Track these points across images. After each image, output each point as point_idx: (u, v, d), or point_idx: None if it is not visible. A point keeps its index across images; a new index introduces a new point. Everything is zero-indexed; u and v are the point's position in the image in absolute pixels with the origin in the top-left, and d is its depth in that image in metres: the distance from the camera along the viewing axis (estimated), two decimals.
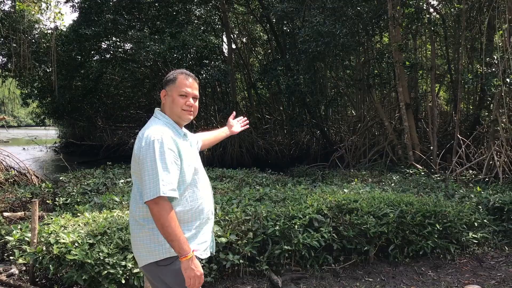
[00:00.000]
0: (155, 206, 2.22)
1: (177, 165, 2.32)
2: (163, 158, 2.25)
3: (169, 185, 2.23)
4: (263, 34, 22.10)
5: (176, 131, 2.46)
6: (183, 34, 14.57)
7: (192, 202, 2.41)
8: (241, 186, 7.11)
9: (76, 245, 3.83)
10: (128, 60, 16.51)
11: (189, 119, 2.53)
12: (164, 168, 2.24)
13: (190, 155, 2.46)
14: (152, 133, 2.32)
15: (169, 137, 2.34)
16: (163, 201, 2.23)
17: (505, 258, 5.47)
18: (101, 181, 7.84)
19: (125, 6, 16.01)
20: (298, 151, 18.10)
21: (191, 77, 2.55)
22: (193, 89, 2.52)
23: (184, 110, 2.47)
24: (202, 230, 2.48)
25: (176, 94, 2.47)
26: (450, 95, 16.28)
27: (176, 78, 2.50)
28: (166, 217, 2.21)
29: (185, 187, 2.38)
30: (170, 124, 2.47)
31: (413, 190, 7.09)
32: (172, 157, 2.30)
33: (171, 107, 2.48)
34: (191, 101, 2.49)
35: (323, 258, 4.97)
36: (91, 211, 5.07)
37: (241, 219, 4.81)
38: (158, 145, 2.26)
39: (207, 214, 2.52)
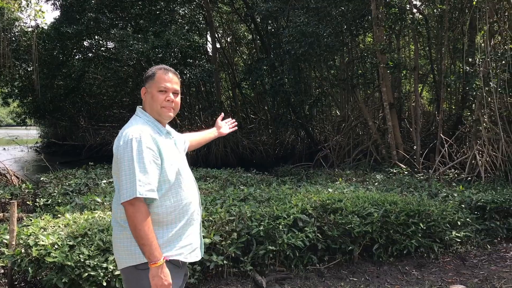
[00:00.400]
0: (130, 207, 2.15)
1: (156, 164, 2.24)
2: (141, 157, 2.17)
3: (146, 186, 2.15)
4: (248, 34, 22.06)
5: (158, 129, 2.39)
6: (167, 33, 14.45)
7: (175, 203, 2.33)
8: (226, 186, 7.06)
9: (55, 247, 3.74)
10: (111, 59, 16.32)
11: (170, 116, 2.44)
12: (141, 168, 2.16)
13: (172, 154, 2.38)
14: (131, 131, 2.25)
15: (148, 135, 2.26)
16: (139, 203, 2.15)
17: (488, 256, 5.52)
18: (83, 182, 7.72)
19: (108, 4, 15.81)
20: (283, 150, 18.11)
21: (171, 72, 2.46)
22: (173, 83, 2.43)
23: (164, 107, 2.39)
24: (186, 232, 2.40)
25: (155, 90, 2.39)
26: (433, 95, 16.43)
27: (155, 74, 2.41)
28: (140, 219, 2.14)
29: (168, 187, 2.30)
30: (151, 122, 2.39)
31: (397, 189, 7.12)
32: (151, 156, 2.22)
33: (151, 104, 2.40)
34: (171, 96, 2.40)
35: (307, 258, 4.95)
36: (72, 212, 4.97)
37: (225, 219, 4.76)
38: (136, 144, 2.19)
39: (192, 215, 2.44)
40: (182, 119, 20.54)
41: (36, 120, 26.64)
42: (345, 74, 15.11)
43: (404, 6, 11.13)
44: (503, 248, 5.83)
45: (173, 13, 16.36)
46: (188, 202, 2.41)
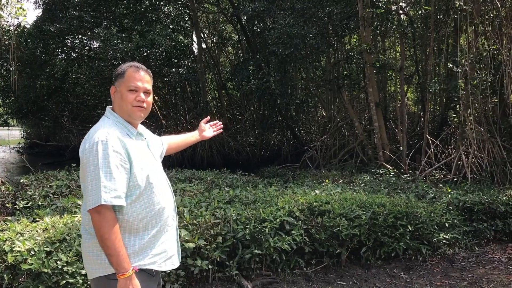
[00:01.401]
0: (96, 215, 2.03)
1: (124, 168, 2.11)
2: (107, 162, 2.04)
3: (112, 192, 2.03)
4: (234, 34, 21.93)
5: (128, 130, 2.26)
6: (151, 33, 14.26)
7: (147, 208, 2.21)
8: (211, 188, 6.93)
9: (32, 253, 3.58)
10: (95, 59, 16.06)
11: (141, 117, 2.31)
12: (107, 173, 2.03)
13: (143, 157, 2.25)
14: (97, 134, 2.12)
15: (115, 138, 2.13)
16: (105, 210, 2.03)
17: (475, 258, 5.48)
18: (64, 184, 7.52)
19: (92, 3, 15.57)
20: (269, 151, 18.02)
21: (142, 70, 2.33)
22: (144, 82, 2.30)
23: (134, 107, 2.26)
24: (160, 239, 2.28)
25: (125, 89, 2.26)
26: (418, 96, 16.46)
27: (125, 72, 2.28)
28: (106, 228, 2.03)
29: (138, 192, 2.18)
30: (120, 123, 2.26)
31: (384, 190, 7.06)
32: (118, 160, 2.09)
33: (120, 104, 2.27)
34: (142, 96, 2.27)
35: (294, 262, 4.85)
36: (52, 216, 4.80)
37: (210, 222, 4.64)
38: (102, 147, 2.06)
39: (166, 221, 2.33)
40: (167, 119, 20.34)
41: (18, 121, 26.18)
42: (331, 75, 15.07)
43: (389, 7, 11.11)
44: (491, 250, 5.80)
45: (158, 13, 16.18)
46: (161, 208, 2.29)
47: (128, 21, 15.37)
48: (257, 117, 19.12)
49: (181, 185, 6.84)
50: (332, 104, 16.89)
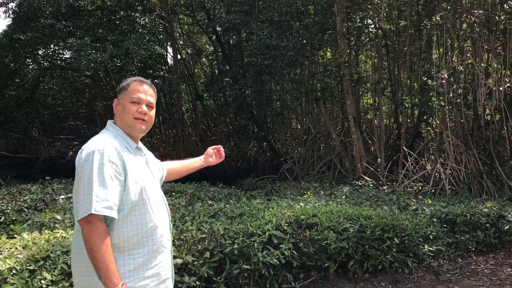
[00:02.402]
0: (86, 226, 1.94)
1: (119, 180, 2.04)
2: (101, 171, 1.98)
3: (104, 202, 1.95)
4: (209, 46, 21.87)
5: (127, 143, 2.21)
6: (126, 43, 14.06)
7: (139, 226, 2.12)
8: (193, 201, 6.80)
9: (13, 272, 3.39)
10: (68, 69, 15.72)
11: (142, 130, 2.28)
12: (100, 183, 1.96)
13: (140, 172, 2.19)
14: (94, 143, 2.07)
15: (112, 148, 2.08)
16: (96, 221, 1.94)
17: (460, 270, 5.52)
18: (39, 197, 7.22)
19: (64, 13, 15.27)
20: (245, 163, 17.92)
21: (146, 84, 2.34)
22: (147, 95, 2.30)
23: (136, 119, 2.23)
24: (153, 260, 2.17)
25: (128, 101, 2.25)
26: (390, 109, 16.71)
27: (129, 85, 2.29)
28: (97, 239, 1.94)
29: (130, 207, 2.09)
30: (120, 136, 2.23)
31: (366, 202, 7.07)
32: (113, 171, 2.02)
33: (121, 116, 2.26)
34: (144, 108, 2.26)
35: (282, 276, 4.76)
36: (29, 232, 4.58)
37: (197, 237, 4.52)
38: (98, 156, 2.00)
39: (160, 241, 2.22)
40: None
41: None
42: (308, 87, 15.15)
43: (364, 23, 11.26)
44: (473, 261, 5.86)
45: (133, 23, 15.99)
46: (154, 226, 2.20)
47: (102, 31, 15.12)
48: (233, 128, 19.03)
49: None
50: (308, 116, 16.98)
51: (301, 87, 15.47)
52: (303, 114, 17.36)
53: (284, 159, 15.09)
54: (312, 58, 15.39)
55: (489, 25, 8.99)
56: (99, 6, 16.58)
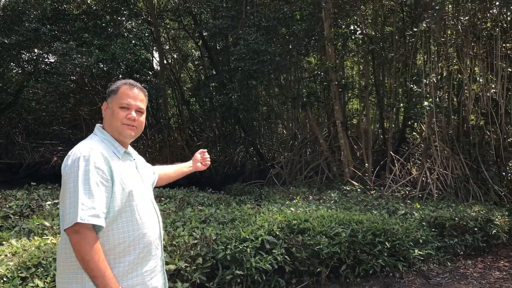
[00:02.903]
0: (74, 236, 1.89)
1: (105, 187, 1.99)
2: (87, 178, 1.93)
3: (90, 211, 1.90)
4: (195, 51, 21.83)
5: (115, 148, 2.16)
6: (112, 47, 13.94)
7: (125, 233, 2.06)
8: (183, 207, 6.75)
9: (4, 279, 3.32)
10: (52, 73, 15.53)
11: (131, 136, 2.23)
12: (86, 190, 1.92)
13: (128, 177, 2.13)
14: (80, 149, 2.03)
15: (98, 153, 2.04)
16: (84, 229, 1.89)
17: (449, 274, 5.57)
18: (25, 203, 7.09)
19: (49, 17, 15.10)
20: (232, 168, 17.87)
21: (137, 88, 2.26)
22: (137, 100, 2.22)
23: (124, 125, 2.17)
24: (138, 268, 2.10)
25: (117, 106, 2.18)
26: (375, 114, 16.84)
27: (119, 88, 2.21)
28: (87, 249, 1.89)
29: (116, 214, 2.03)
30: (107, 141, 2.17)
31: (356, 207, 7.10)
32: (99, 177, 1.97)
33: (110, 121, 2.19)
34: (134, 114, 2.19)
35: (274, 282, 4.75)
36: (17, 238, 4.50)
37: (189, 243, 4.49)
38: (84, 163, 1.95)
39: (147, 249, 2.15)
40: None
41: None
42: (294, 92, 15.20)
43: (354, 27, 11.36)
44: (462, 265, 5.92)
45: (119, 28, 15.89)
46: (141, 234, 2.13)
47: (88, 35, 15.00)
48: (219, 133, 18.99)
49: None
50: (295, 121, 17.02)
51: (287, 92, 15.51)
52: (289, 120, 17.40)
53: (271, 164, 15.09)
54: (299, 64, 15.45)
55: (475, 31, 9.14)
56: (84, 10, 16.45)
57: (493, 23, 9.02)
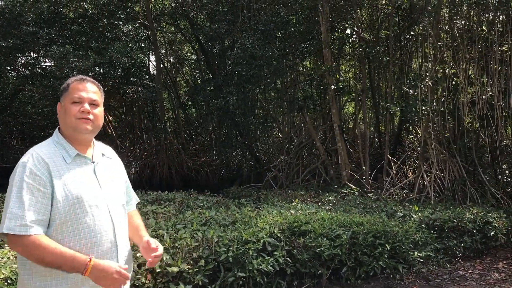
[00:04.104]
0: (17, 247, 1.86)
1: (43, 193, 1.91)
2: (21, 186, 1.87)
3: (17, 220, 1.82)
4: (191, 54, 21.85)
5: (65, 152, 2.05)
6: (109, 51, 13.95)
7: (71, 242, 1.95)
8: (183, 210, 6.76)
9: (9, 281, 3.32)
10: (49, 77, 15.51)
11: (88, 130, 2.08)
12: (17, 198, 1.85)
13: (74, 183, 2.00)
14: (25, 155, 1.97)
15: (39, 158, 1.96)
16: (18, 239, 1.83)
17: (449, 275, 5.61)
18: None
19: (46, 20, 15.08)
20: (229, 172, 17.88)
21: (88, 81, 2.15)
22: (89, 93, 2.11)
23: (79, 119, 2.05)
24: (85, 283, 1.98)
25: (69, 102, 2.07)
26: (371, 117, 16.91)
27: (69, 85, 2.12)
28: (33, 253, 1.84)
29: (60, 222, 1.93)
30: (59, 144, 2.07)
31: (355, 210, 7.13)
32: (36, 184, 1.90)
33: (64, 119, 2.08)
34: (87, 106, 2.07)
35: (276, 284, 4.77)
36: None
37: (191, 245, 4.50)
38: (21, 169, 1.90)
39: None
40: (122, 139, 19.84)
41: None
42: (291, 96, 15.26)
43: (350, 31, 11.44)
44: (461, 267, 5.96)
45: (116, 31, 15.89)
46: (90, 242, 2.00)
47: (85, 39, 14.98)
48: (215, 137, 19.00)
49: (151, 207, 6.63)
50: (291, 125, 17.07)
51: (284, 96, 15.57)
52: (285, 123, 17.46)
53: (268, 168, 15.11)
54: (295, 68, 15.52)
55: (470, 35, 9.22)
56: (81, 14, 16.44)
57: (489, 26, 9.11)
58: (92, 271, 1.89)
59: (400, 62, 13.78)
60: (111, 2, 15.77)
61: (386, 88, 14.44)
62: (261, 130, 16.88)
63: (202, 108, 19.46)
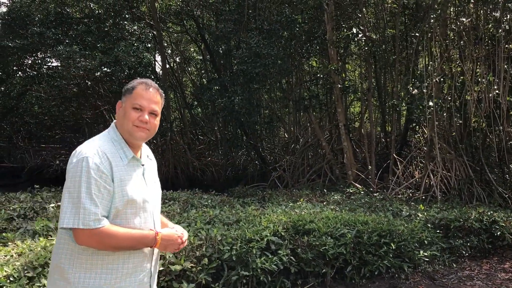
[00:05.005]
0: (90, 240, 1.91)
1: (107, 190, 1.96)
2: (89, 182, 1.91)
3: (92, 216, 1.89)
4: (197, 55, 21.88)
5: (123, 152, 2.08)
6: (115, 50, 13.98)
7: None
8: (187, 208, 6.76)
9: (11, 279, 3.32)
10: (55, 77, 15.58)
11: (143, 137, 2.13)
12: (88, 194, 1.90)
13: (129, 185, 2.05)
14: (86, 149, 1.98)
15: (103, 156, 1.99)
16: (92, 232, 1.89)
17: (455, 275, 5.55)
18: (28, 206, 7.12)
19: (53, 20, 15.14)
20: (234, 171, 17.88)
21: (153, 88, 2.15)
22: (152, 103, 2.12)
23: (135, 126, 2.08)
24: (128, 278, 2.05)
25: (130, 107, 2.10)
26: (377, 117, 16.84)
27: (134, 88, 2.12)
28: (107, 242, 1.92)
29: (111, 220, 1.99)
30: (116, 142, 2.10)
31: (360, 209, 7.10)
32: (102, 182, 1.95)
33: (121, 121, 2.12)
34: (146, 117, 2.09)
35: (280, 283, 4.74)
36: (21, 240, 4.51)
37: (195, 244, 4.49)
38: (88, 165, 1.92)
39: (138, 259, 2.07)
40: None
41: None
42: (296, 95, 15.23)
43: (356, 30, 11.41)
44: (468, 266, 5.90)
45: (122, 31, 15.93)
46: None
47: (91, 39, 15.03)
48: (221, 137, 18.99)
49: None
50: (296, 124, 17.03)
51: (289, 96, 15.54)
52: (290, 123, 17.41)
53: (273, 167, 15.09)
54: (300, 67, 15.48)
55: (477, 33, 9.15)
56: (87, 14, 16.50)
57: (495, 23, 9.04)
58: (161, 242, 2.09)
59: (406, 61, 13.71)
60: (117, 2, 15.82)
61: (392, 87, 14.39)
62: (266, 129, 16.87)
63: (208, 108, 19.44)
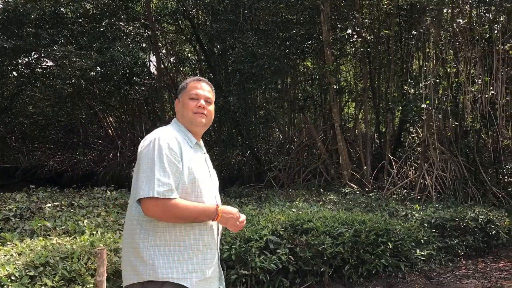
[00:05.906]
0: (158, 209, 2.05)
1: (177, 167, 2.15)
2: (161, 157, 2.10)
3: (165, 186, 2.06)
4: (192, 55, 21.83)
5: (188, 138, 2.32)
6: (111, 50, 13.94)
7: None
8: None
9: (12, 278, 3.31)
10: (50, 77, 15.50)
11: (203, 123, 2.37)
12: (161, 168, 2.09)
13: (195, 165, 2.24)
14: (157, 133, 2.22)
15: (173, 137, 2.21)
16: (163, 202, 2.05)
17: (451, 273, 5.61)
18: (25, 206, 7.09)
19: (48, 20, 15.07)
20: (229, 172, 17.86)
21: (203, 81, 2.46)
22: (205, 91, 2.42)
23: (196, 113, 2.34)
24: (200, 255, 2.18)
25: (187, 98, 2.38)
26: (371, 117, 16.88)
27: (188, 84, 2.43)
28: (175, 212, 2.07)
29: (182, 196, 2.14)
30: (182, 131, 2.34)
31: (356, 209, 7.14)
32: (172, 158, 2.14)
33: (182, 112, 2.38)
34: (203, 102, 2.37)
35: (278, 282, 4.77)
36: (21, 239, 4.50)
37: None
38: (159, 143, 2.14)
39: (209, 236, 2.23)
40: (123, 140, 19.84)
41: None
42: (292, 96, 15.25)
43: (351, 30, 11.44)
44: (463, 265, 5.97)
45: (117, 31, 15.88)
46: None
47: (86, 39, 14.99)
48: (216, 137, 18.98)
49: None
50: (292, 125, 17.06)
51: (285, 96, 15.56)
52: (285, 123, 17.43)
53: (268, 168, 15.09)
54: (296, 68, 15.51)
55: (472, 34, 9.22)
56: (82, 14, 16.44)
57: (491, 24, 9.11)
58: (222, 215, 2.20)
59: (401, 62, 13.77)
60: (112, 2, 15.78)
61: (387, 88, 14.45)
62: (262, 130, 16.88)
63: None
